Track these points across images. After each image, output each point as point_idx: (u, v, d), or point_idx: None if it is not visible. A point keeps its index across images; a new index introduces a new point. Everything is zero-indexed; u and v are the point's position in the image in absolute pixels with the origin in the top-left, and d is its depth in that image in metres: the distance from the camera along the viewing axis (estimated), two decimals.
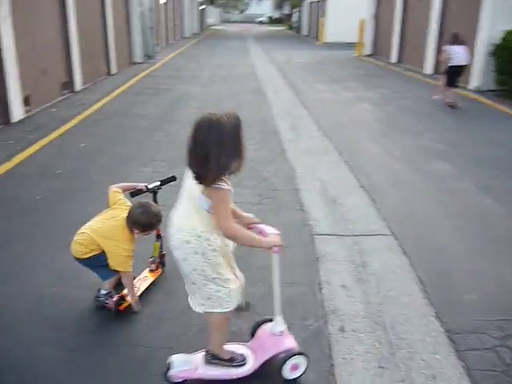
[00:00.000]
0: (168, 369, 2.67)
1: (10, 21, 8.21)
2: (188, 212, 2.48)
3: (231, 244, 2.62)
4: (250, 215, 2.77)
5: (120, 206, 3.31)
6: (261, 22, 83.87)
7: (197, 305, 2.62)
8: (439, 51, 14.78)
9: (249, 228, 2.61)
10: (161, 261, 3.77)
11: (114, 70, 14.98)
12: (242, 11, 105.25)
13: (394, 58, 19.46)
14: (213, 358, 2.70)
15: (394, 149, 7.53)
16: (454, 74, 10.27)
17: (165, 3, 25.67)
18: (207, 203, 2.37)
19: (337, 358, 2.97)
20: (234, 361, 2.72)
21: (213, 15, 68.51)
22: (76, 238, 3.25)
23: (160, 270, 3.77)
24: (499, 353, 3.02)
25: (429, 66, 15.83)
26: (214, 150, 2.24)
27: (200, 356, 2.75)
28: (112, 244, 3.14)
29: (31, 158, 6.73)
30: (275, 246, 2.54)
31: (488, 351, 3.04)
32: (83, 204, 5.10)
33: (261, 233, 2.62)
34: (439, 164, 6.79)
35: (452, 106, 10.45)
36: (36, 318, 3.28)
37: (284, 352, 2.70)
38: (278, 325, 2.73)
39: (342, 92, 12.86)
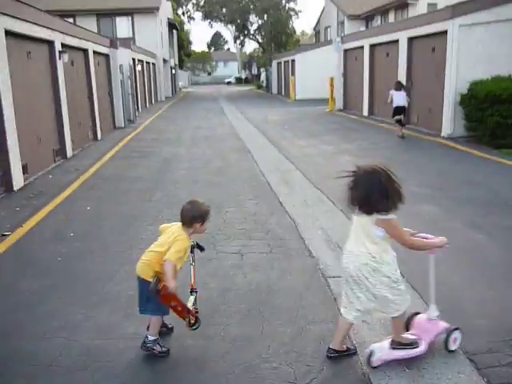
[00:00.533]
0: (370, 356, 3.39)
1: (10, 95, 8.63)
2: (359, 240, 3.35)
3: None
4: (409, 230, 3.53)
5: (167, 229, 3.70)
6: (229, 83, 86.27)
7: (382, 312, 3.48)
8: (410, 104, 15.79)
9: (415, 237, 3.49)
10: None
11: (99, 135, 15.42)
12: (209, 73, 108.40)
13: (365, 111, 20.46)
14: (398, 344, 3.49)
15: None
16: (396, 113, 14.00)
17: (140, 70, 26.59)
18: (381, 232, 3.22)
19: (374, 380, 3.27)
20: (413, 344, 3.51)
21: (183, 78, 70.38)
22: (142, 257, 3.59)
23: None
24: None
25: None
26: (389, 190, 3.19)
27: (386, 343, 3.51)
28: (172, 243, 3.45)
29: (41, 223, 6.97)
30: (445, 243, 3.52)
31: (504, 367, 3.39)
32: (102, 263, 5.38)
33: (425, 238, 3.54)
34: (427, 206, 7.28)
35: (401, 137, 14.08)
36: (89, 367, 3.51)
37: (445, 330, 3.56)
38: (434, 311, 3.59)
39: (321, 146, 13.49)
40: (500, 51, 12.67)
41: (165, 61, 39.61)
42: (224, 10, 53.26)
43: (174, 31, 48.26)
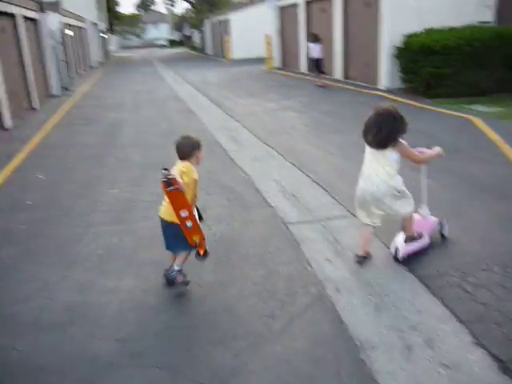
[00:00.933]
0: (396, 252, 4.27)
1: None
2: (378, 169, 4.06)
3: None
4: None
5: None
6: (161, 46, 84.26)
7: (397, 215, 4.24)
8: (345, 59, 16.19)
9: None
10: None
11: (36, 104, 14.94)
12: (139, 37, 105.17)
13: (303, 68, 20.74)
14: (411, 239, 4.36)
15: (330, 147, 8.39)
16: (313, 64, 15.71)
17: (71, 36, 25.57)
18: (394, 156, 4.02)
19: (341, 311, 3.63)
20: (421, 236, 4.44)
21: (113, 42, 68.07)
22: (163, 202, 3.91)
23: None
24: (461, 286, 3.82)
25: (338, 73, 17.14)
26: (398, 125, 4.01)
27: (401, 240, 4.32)
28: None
29: None
30: (442, 153, 4.42)
31: (452, 287, 3.83)
32: (67, 227, 5.47)
33: (423, 151, 4.36)
34: None
35: (321, 87, 15.84)
36: (75, 321, 3.68)
37: (438, 222, 4.64)
38: (426, 210, 4.56)
39: (264, 104, 13.70)
40: (431, 4, 13.15)
41: (95, 25, 38.18)
42: None
43: None
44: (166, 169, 3.68)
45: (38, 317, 3.73)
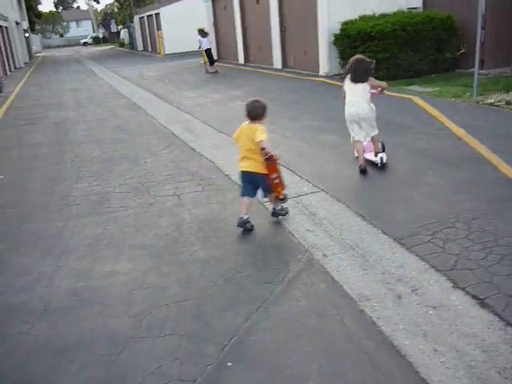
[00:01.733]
0: (381, 161, 6.29)
1: None
2: (362, 97, 6.08)
3: None
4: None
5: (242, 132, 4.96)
6: (85, 44, 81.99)
7: (368, 136, 6.31)
8: (284, 48, 16.65)
9: None
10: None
11: None
12: (62, 35, 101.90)
13: (241, 59, 21.05)
14: (376, 154, 6.36)
15: (285, 131, 8.76)
16: (207, 54, 19.04)
17: None
18: (367, 88, 6.08)
19: (332, 272, 3.98)
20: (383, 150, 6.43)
21: (35, 42, 65.54)
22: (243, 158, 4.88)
23: None
24: (433, 242, 4.28)
25: (277, 62, 17.58)
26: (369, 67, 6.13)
27: (382, 153, 6.38)
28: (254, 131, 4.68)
29: None
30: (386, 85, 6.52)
31: (426, 244, 4.28)
32: (47, 222, 5.53)
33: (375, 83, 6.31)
34: (326, 136, 8.15)
35: (213, 73, 18.74)
36: (83, 304, 3.84)
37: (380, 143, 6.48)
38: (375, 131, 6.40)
39: (210, 95, 13.92)
40: None
41: (17, 23, 36.77)
42: None
43: None
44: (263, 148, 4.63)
45: (45, 304, 3.85)
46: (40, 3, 67.61)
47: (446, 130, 7.86)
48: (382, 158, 6.31)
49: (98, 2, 60.84)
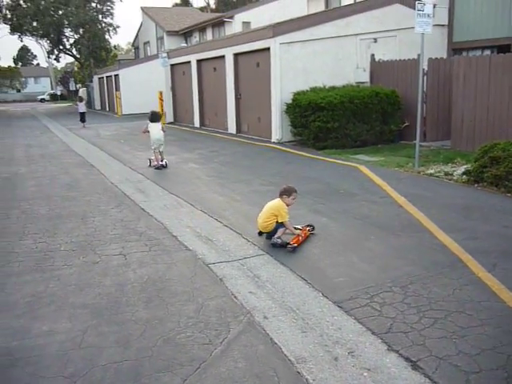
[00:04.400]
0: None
1: None
2: None
3: None
4: None
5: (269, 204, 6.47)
6: (42, 100, 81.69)
7: None
8: (238, 115, 17.20)
9: None
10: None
11: None
12: (19, 90, 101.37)
13: (196, 123, 21.49)
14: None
15: (235, 195, 8.94)
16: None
17: None
18: None
19: (272, 334, 4.04)
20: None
21: None
22: (261, 220, 6.31)
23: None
24: (370, 306, 4.42)
25: (232, 127, 18.06)
26: None
27: None
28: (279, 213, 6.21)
29: None
30: None
31: (364, 307, 4.42)
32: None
33: None
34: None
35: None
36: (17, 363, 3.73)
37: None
38: None
39: (164, 157, 14.05)
40: (314, 65, 14.60)
41: None
42: (35, 23, 50.40)
43: None
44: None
45: None
46: None
47: (389, 197, 8.22)
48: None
49: (58, 61, 61.01)
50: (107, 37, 55.12)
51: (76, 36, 54.74)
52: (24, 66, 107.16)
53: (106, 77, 39.44)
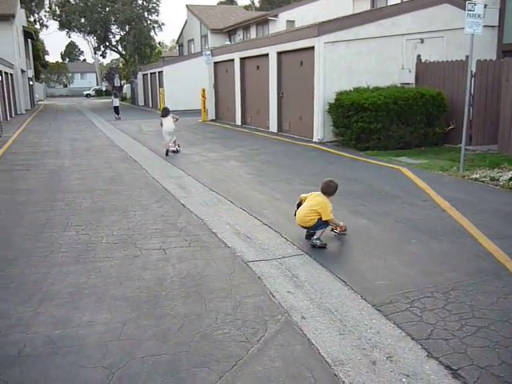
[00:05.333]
0: None
1: None
2: None
3: None
4: None
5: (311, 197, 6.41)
6: (88, 95, 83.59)
7: None
8: (280, 113, 17.16)
9: None
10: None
11: None
12: (65, 85, 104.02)
13: (238, 121, 21.57)
14: None
15: (275, 193, 8.93)
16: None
17: (0, 81, 25.25)
18: None
19: (309, 334, 4.01)
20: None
21: (38, 90, 66.80)
22: (301, 214, 6.25)
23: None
24: (410, 311, 4.34)
25: (273, 126, 18.04)
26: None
27: None
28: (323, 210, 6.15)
29: None
30: None
31: (403, 312, 4.33)
32: (30, 268, 5.55)
33: None
34: None
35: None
36: (58, 352, 3.82)
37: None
38: None
39: (206, 153, 14.18)
40: (358, 65, 14.44)
41: (22, 71, 37.68)
42: (83, 20, 51.66)
43: (29, 40, 45.96)
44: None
45: (19, 350, 3.83)
46: (48, 54, 69.43)
47: (432, 201, 8.04)
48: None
49: (104, 57, 62.38)
50: (152, 34, 56.06)
51: (122, 33, 55.87)
52: (71, 61, 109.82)
53: (150, 73, 40.03)
